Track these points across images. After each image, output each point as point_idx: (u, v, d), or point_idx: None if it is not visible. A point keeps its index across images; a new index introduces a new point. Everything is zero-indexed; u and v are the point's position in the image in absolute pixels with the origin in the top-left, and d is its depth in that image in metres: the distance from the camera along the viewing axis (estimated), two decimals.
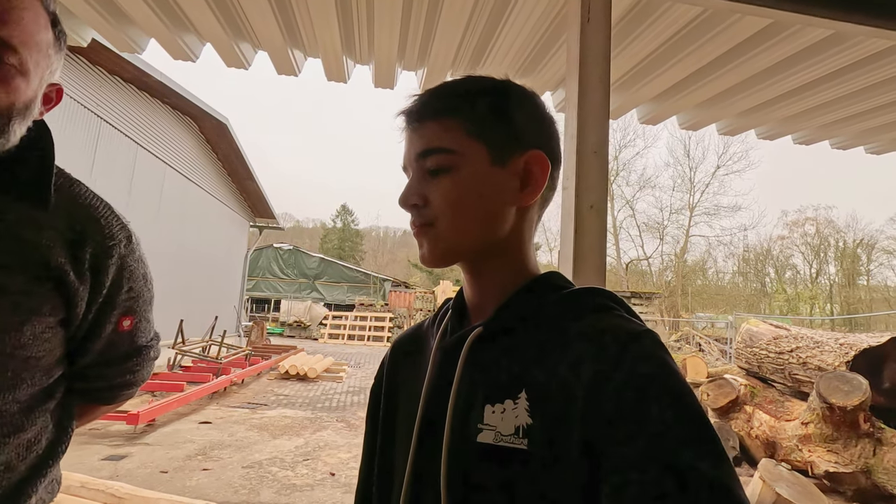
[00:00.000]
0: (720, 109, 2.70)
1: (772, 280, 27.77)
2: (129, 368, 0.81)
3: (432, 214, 0.54)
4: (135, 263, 0.77)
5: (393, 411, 0.63)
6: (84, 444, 4.47)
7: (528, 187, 0.55)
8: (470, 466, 0.48)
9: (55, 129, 0.72)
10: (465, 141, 0.54)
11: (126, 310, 0.77)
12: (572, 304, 0.53)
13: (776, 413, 4.78)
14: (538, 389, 0.47)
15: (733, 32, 1.94)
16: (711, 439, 0.40)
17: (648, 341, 0.45)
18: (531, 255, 0.59)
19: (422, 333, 0.67)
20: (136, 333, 0.80)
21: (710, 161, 29.59)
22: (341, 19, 2.09)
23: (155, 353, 0.86)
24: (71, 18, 2.20)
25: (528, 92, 0.58)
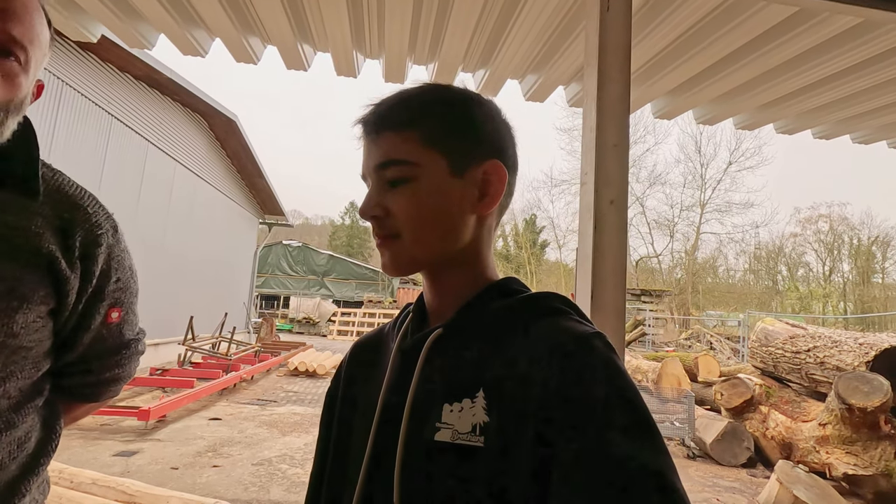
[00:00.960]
0: (738, 103, 2.63)
1: (784, 278, 27.42)
2: (116, 363, 0.79)
3: (395, 226, 0.55)
4: (121, 254, 0.76)
5: (349, 414, 0.63)
6: (96, 439, 4.51)
7: (487, 196, 0.57)
8: (426, 463, 0.49)
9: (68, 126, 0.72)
10: (423, 152, 0.54)
11: (114, 301, 0.75)
12: (529, 308, 0.55)
13: (792, 414, 4.70)
14: (495, 388, 0.49)
15: (756, 21, 1.87)
16: (652, 434, 0.43)
17: (598, 342, 0.48)
18: (490, 260, 0.61)
19: (382, 337, 0.68)
20: (124, 326, 0.79)
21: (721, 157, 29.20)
22: (351, 13, 2.06)
23: (142, 348, 0.84)
24: (80, 14, 2.20)
25: (485, 100, 0.59)
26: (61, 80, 6.28)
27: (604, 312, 1.17)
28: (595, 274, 1.19)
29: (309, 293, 24.21)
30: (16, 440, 0.65)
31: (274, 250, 25.34)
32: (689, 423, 5.12)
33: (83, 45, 6.37)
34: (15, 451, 0.65)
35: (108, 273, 0.73)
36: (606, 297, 1.18)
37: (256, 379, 8.51)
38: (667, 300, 17.47)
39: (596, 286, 1.18)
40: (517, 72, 2.51)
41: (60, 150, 6.36)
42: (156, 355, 8.82)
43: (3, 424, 0.63)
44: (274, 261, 25.39)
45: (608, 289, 1.18)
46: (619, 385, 0.45)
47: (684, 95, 2.58)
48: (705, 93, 2.53)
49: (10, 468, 0.65)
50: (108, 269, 0.73)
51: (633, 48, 2.15)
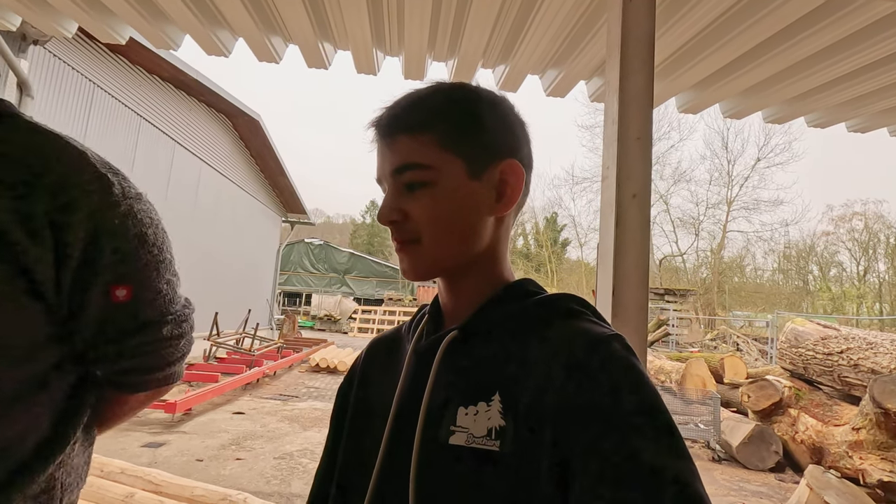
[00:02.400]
0: (767, 96, 2.54)
1: (815, 278, 26.50)
2: (138, 349, 0.66)
3: (415, 230, 0.54)
4: (120, 219, 0.63)
5: (363, 412, 0.62)
6: (125, 430, 4.65)
7: (505, 197, 0.56)
8: (441, 468, 0.48)
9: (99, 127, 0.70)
10: (440, 155, 0.53)
11: (117, 277, 0.62)
12: (545, 310, 0.54)
13: (824, 417, 4.54)
14: (511, 392, 0.48)
15: (787, 10, 1.80)
16: (674, 439, 0.42)
17: (617, 345, 0.47)
18: (506, 261, 0.61)
19: (398, 337, 0.67)
20: (140, 306, 0.65)
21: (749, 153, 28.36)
22: (371, 11, 2.06)
23: (174, 330, 0.70)
24: (110, 17, 2.26)
25: (499, 98, 0.58)
26: (93, 83, 6.49)
27: (626, 310, 1.15)
28: (617, 270, 1.16)
29: (330, 291, 24.51)
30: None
31: (296, 248, 25.72)
32: (715, 425, 5.00)
33: (113, 49, 6.56)
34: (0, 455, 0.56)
35: (97, 242, 0.60)
36: (628, 294, 1.16)
37: (279, 374, 8.65)
38: (691, 300, 17.09)
39: (618, 283, 1.16)
40: (537, 67, 2.49)
41: (92, 148, 6.57)
42: None
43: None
44: (296, 259, 25.77)
45: (630, 286, 1.16)
46: (639, 389, 0.45)
47: (710, 89, 2.51)
48: (732, 86, 2.45)
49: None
50: (97, 238, 0.60)
51: (657, 40, 2.10)
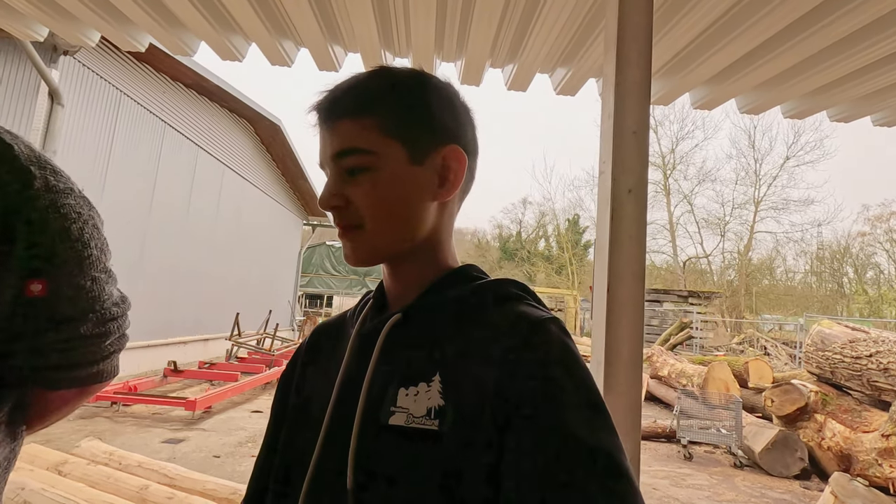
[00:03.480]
0: (786, 89, 2.46)
1: (850, 280, 25.51)
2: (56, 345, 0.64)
3: (357, 215, 0.54)
4: (39, 213, 0.62)
5: (306, 399, 0.62)
6: (147, 427, 4.80)
7: (447, 183, 0.56)
8: (380, 448, 0.49)
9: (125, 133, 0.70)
10: (381, 140, 0.53)
11: (31, 271, 0.61)
12: (485, 294, 0.55)
13: (852, 423, 4.36)
14: (451, 373, 0.49)
15: (798, 2, 1.75)
16: (604, 416, 0.45)
17: (553, 327, 0.50)
18: (450, 247, 0.61)
19: (343, 323, 0.67)
20: (57, 301, 0.64)
21: (778, 152, 27.62)
22: (378, 12, 2.09)
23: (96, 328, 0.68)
24: (129, 25, 2.34)
25: (442, 83, 0.58)
26: (120, 90, 6.72)
27: (621, 304, 1.13)
28: (612, 266, 1.15)
29: (351, 293, 24.75)
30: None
31: (318, 251, 26.08)
32: (737, 430, 4.86)
33: (139, 58, 6.79)
34: None
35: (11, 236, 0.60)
36: (624, 288, 1.14)
37: None
38: (717, 302, 16.66)
39: (612, 277, 1.14)
40: (546, 65, 2.47)
41: (119, 154, 6.81)
42: (205, 350, 9.28)
43: None
44: (318, 261, 26.13)
45: (625, 280, 1.14)
46: (573, 369, 0.47)
47: (725, 83, 2.45)
48: (748, 80, 2.39)
49: None
50: (10, 235, 0.60)
51: (666, 35, 2.07)
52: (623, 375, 1.12)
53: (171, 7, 2.10)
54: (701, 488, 4.27)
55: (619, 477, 0.42)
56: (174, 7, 2.10)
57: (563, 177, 45.91)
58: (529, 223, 34.39)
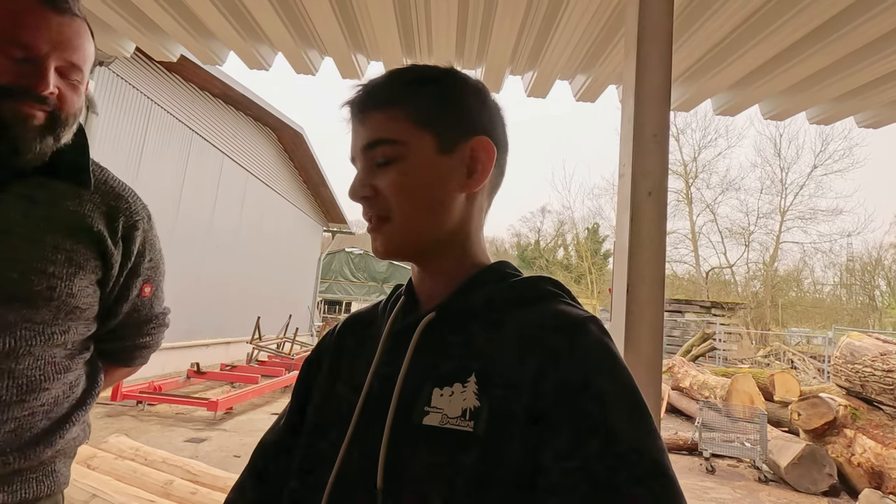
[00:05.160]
0: (812, 94, 2.42)
1: (882, 293, 24.62)
2: (147, 331, 0.95)
3: (385, 206, 0.54)
4: (154, 238, 0.91)
5: (332, 393, 0.61)
6: (171, 426, 4.91)
7: (476, 174, 0.56)
8: (413, 448, 0.48)
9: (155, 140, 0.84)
10: (411, 130, 0.54)
11: (147, 278, 0.90)
12: (520, 292, 0.55)
13: (883, 439, 4.20)
14: (487, 373, 0.48)
15: (829, 2, 1.73)
16: (646, 419, 0.44)
17: (592, 327, 0.48)
18: (481, 243, 0.60)
19: (375, 316, 0.66)
20: (154, 301, 0.94)
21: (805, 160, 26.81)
22: (400, 22, 2.14)
23: (167, 321, 1.00)
24: (162, 36, 2.44)
25: (472, 80, 0.59)
26: (150, 100, 6.96)
27: (640, 307, 1.14)
28: (631, 268, 1.15)
29: (369, 299, 24.91)
30: (69, 383, 0.81)
31: (337, 257, 26.34)
32: (762, 443, 4.73)
33: (169, 68, 7.03)
34: (68, 391, 0.81)
35: (143, 253, 0.88)
36: (643, 291, 1.15)
37: None
38: (741, 314, 16.26)
39: (632, 280, 1.15)
40: (566, 72, 2.49)
41: (149, 160, 7.04)
42: (226, 352, 9.44)
43: (61, 368, 0.79)
44: (337, 267, 26.38)
45: (645, 282, 1.15)
46: (613, 370, 0.46)
47: (749, 89, 2.43)
48: (772, 85, 2.36)
49: (64, 404, 0.81)
50: (144, 250, 0.88)
51: (687, 41, 2.06)
52: (642, 377, 1.11)
53: (201, 18, 2.19)
54: (724, 503, 4.16)
55: (661, 478, 0.41)
56: (205, 18, 2.18)
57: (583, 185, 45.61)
58: (548, 232, 34.18)
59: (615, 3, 1.88)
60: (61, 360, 0.79)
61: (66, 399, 0.81)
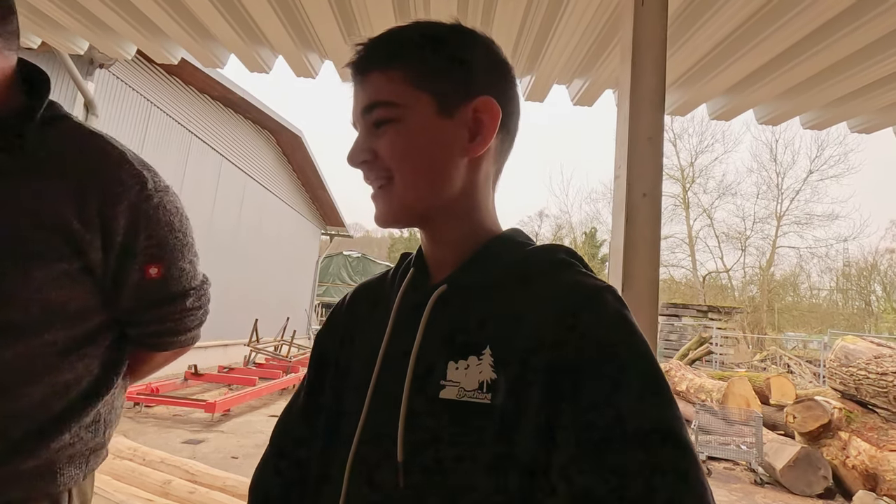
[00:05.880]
0: (805, 100, 2.46)
1: (879, 298, 24.73)
2: (166, 316, 0.82)
3: (385, 167, 0.52)
4: (152, 210, 0.76)
5: (345, 368, 0.60)
6: (168, 428, 4.90)
7: (479, 136, 0.53)
8: (430, 422, 0.48)
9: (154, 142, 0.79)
10: (409, 92, 0.51)
11: (150, 257, 0.77)
12: (535, 262, 0.53)
13: (878, 442, 4.23)
14: (503, 345, 0.47)
15: (822, 8, 1.76)
16: (663, 389, 0.43)
17: (609, 296, 0.47)
18: (490, 210, 0.58)
19: (383, 286, 0.64)
20: (168, 281, 0.80)
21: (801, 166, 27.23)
22: None
23: (195, 302, 0.85)
24: (164, 39, 2.46)
25: (478, 36, 0.55)
26: (150, 102, 6.98)
27: (635, 307, 1.16)
28: (626, 268, 1.18)
29: None
30: (62, 383, 0.72)
31: (335, 260, 26.32)
32: (758, 446, 4.75)
33: (169, 70, 7.05)
34: (61, 391, 0.72)
35: (135, 230, 0.74)
36: (638, 291, 1.17)
37: None
38: (738, 318, 16.31)
39: (627, 280, 1.17)
40: (563, 76, 2.52)
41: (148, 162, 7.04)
42: (224, 355, 9.42)
43: (47, 368, 0.70)
44: (335, 270, 26.35)
45: (640, 283, 1.17)
46: (630, 341, 0.44)
47: (743, 94, 2.46)
48: (766, 90, 2.39)
49: (53, 406, 0.71)
50: (135, 227, 0.74)
51: (683, 46, 2.10)
52: None
53: (202, 20, 2.21)
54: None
55: (679, 449, 0.40)
56: (206, 20, 2.21)
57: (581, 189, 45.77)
58: (546, 236, 34.24)
59: (611, 10, 1.92)
60: (46, 360, 0.70)
61: (57, 400, 0.71)
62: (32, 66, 0.77)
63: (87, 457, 0.76)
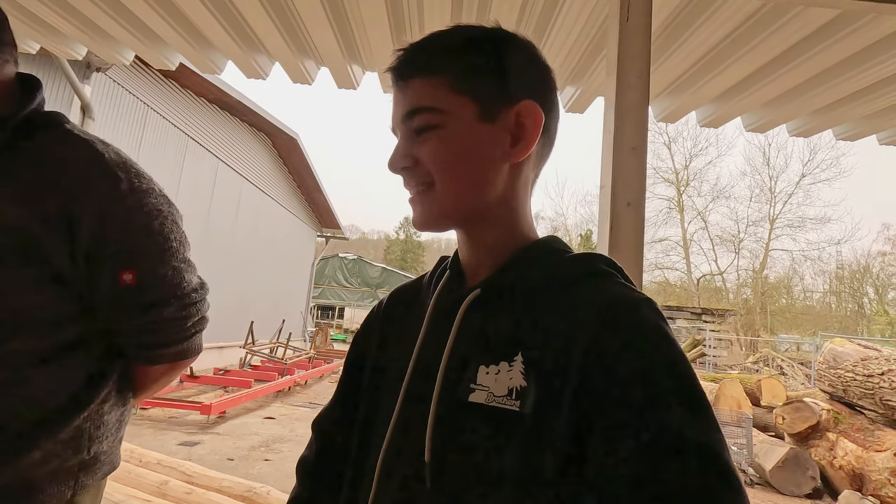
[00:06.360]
0: (791, 108, 2.52)
1: (871, 300, 24.95)
2: (144, 325, 0.76)
3: (426, 174, 0.52)
4: (124, 212, 0.72)
5: (380, 368, 0.61)
6: (164, 430, 4.91)
7: (521, 142, 0.53)
8: (458, 425, 0.48)
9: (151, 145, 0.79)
10: (451, 98, 0.51)
11: (122, 263, 0.72)
12: (571, 270, 0.52)
13: (864, 442, 4.30)
14: (534, 353, 0.47)
15: (806, 21, 1.82)
16: (702, 406, 0.40)
17: (647, 310, 0.45)
18: (529, 217, 0.57)
19: (419, 290, 0.65)
20: (145, 288, 0.74)
21: (793, 169, 27.44)
22: (395, 34, 2.20)
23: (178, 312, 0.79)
24: (162, 45, 2.49)
25: (519, 40, 0.55)
26: (147, 105, 6.99)
27: None
28: None
29: (363, 304, 24.86)
30: (33, 396, 0.67)
31: (330, 262, 26.30)
32: (748, 447, 4.81)
33: (166, 74, 7.06)
34: (31, 404, 0.67)
35: (102, 234, 0.70)
36: None
37: (310, 384, 8.85)
38: (731, 320, 16.42)
39: None
40: (556, 83, 2.57)
41: (144, 165, 6.96)
42: (220, 357, 9.41)
43: (15, 379, 0.66)
44: (330, 272, 26.34)
45: None
46: (668, 355, 0.42)
47: (730, 102, 2.52)
48: (753, 98, 2.45)
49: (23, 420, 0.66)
50: (103, 231, 0.70)
51: (671, 56, 2.15)
52: None
53: (200, 28, 2.25)
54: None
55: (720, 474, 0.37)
56: (203, 28, 2.24)
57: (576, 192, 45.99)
58: None
59: (600, 23, 1.97)
60: (14, 370, 0.66)
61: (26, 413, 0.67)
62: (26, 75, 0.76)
63: (75, 473, 0.72)
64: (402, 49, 0.54)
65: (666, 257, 25.30)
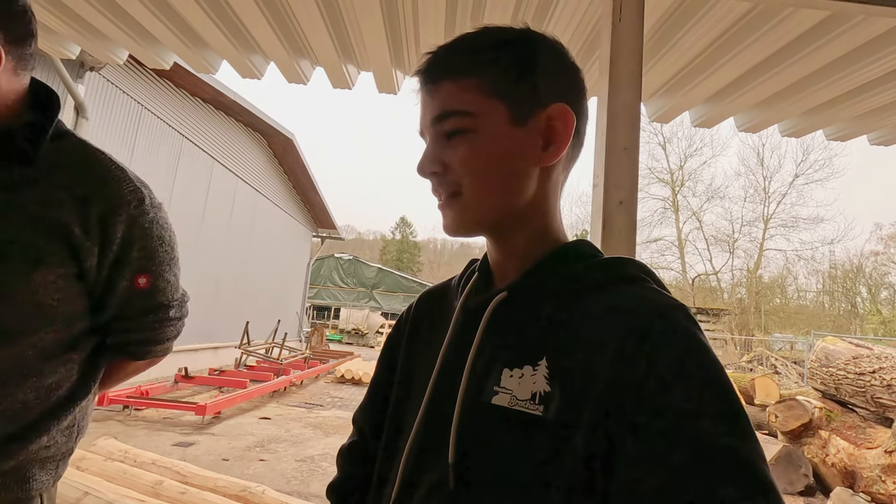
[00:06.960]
0: (782, 109, 2.55)
1: (864, 300, 25.15)
2: (148, 325, 0.85)
3: (455, 181, 0.52)
4: (147, 224, 0.82)
5: (409, 369, 0.62)
6: (159, 430, 4.89)
7: (552, 145, 0.52)
8: (481, 426, 0.48)
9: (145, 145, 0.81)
10: (482, 101, 0.50)
11: (139, 268, 0.81)
12: (601, 274, 0.50)
13: (856, 440, 4.34)
14: (560, 358, 0.46)
15: (797, 22, 1.84)
16: (738, 417, 0.39)
17: (680, 316, 0.44)
18: (558, 219, 0.57)
19: (447, 292, 0.66)
20: (154, 292, 0.84)
21: (787, 170, 27.72)
22: (389, 34, 2.21)
23: (176, 314, 0.89)
24: (156, 45, 2.49)
25: (549, 41, 0.54)
26: (141, 105, 6.96)
27: None
28: None
29: (358, 305, 24.84)
30: (45, 386, 0.74)
31: (326, 263, 26.26)
32: None
33: (160, 74, 7.04)
34: (42, 395, 0.74)
35: (130, 241, 0.79)
36: None
37: (305, 384, 8.84)
38: (726, 320, 16.52)
39: None
40: None
41: (139, 165, 7.01)
42: (215, 357, 9.38)
43: (31, 371, 0.72)
44: (326, 273, 26.29)
45: None
46: (703, 363, 0.41)
47: (723, 102, 2.54)
48: (745, 99, 2.48)
49: (34, 409, 0.73)
50: (131, 238, 0.79)
51: (664, 57, 2.17)
52: None
53: (195, 28, 2.25)
54: None
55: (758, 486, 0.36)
56: (198, 28, 2.24)
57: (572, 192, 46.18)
58: None
59: (593, 23, 1.99)
60: (32, 362, 0.72)
61: (37, 404, 0.73)
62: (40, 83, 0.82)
63: (57, 462, 0.78)
64: (430, 52, 0.53)
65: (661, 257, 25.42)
